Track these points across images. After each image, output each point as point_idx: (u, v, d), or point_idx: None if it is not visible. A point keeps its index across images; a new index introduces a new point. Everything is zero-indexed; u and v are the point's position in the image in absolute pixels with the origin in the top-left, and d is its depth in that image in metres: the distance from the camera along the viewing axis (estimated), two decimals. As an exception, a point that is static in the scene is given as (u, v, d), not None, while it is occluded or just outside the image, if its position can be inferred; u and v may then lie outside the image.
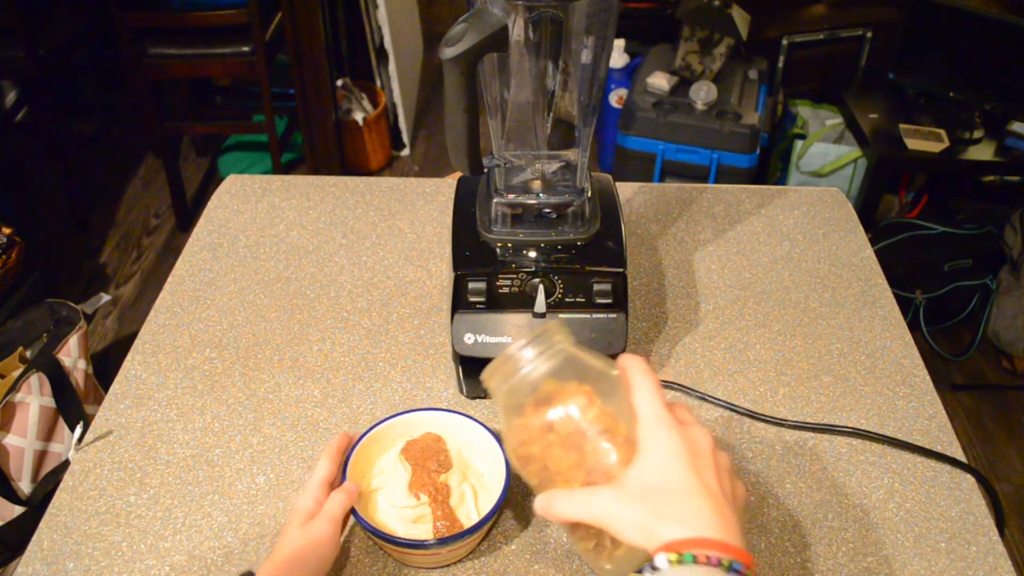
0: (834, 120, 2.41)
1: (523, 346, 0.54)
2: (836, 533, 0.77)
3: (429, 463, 0.73)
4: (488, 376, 0.55)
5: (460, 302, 0.83)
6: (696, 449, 0.52)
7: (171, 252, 2.45)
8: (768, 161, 2.52)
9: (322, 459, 0.71)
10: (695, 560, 0.47)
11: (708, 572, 0.47)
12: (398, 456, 0.74)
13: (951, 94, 2.30)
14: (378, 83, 2.72)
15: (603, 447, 0.53)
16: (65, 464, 1.56)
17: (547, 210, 0.84)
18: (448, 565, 0.73)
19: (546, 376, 0.54)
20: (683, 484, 0.50)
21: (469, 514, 0.72)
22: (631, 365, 0.56)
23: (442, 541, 0.68)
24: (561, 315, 0.83)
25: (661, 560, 0.48)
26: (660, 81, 2.35)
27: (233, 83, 2.92)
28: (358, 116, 2.62)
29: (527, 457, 0.55)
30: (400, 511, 0.71)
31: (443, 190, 1.19)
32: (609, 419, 0.53)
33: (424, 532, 0.70)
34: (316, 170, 2.57)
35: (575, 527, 0.55)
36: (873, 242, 1.95)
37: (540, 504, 0.54)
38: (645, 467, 0.51)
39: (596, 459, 0.53)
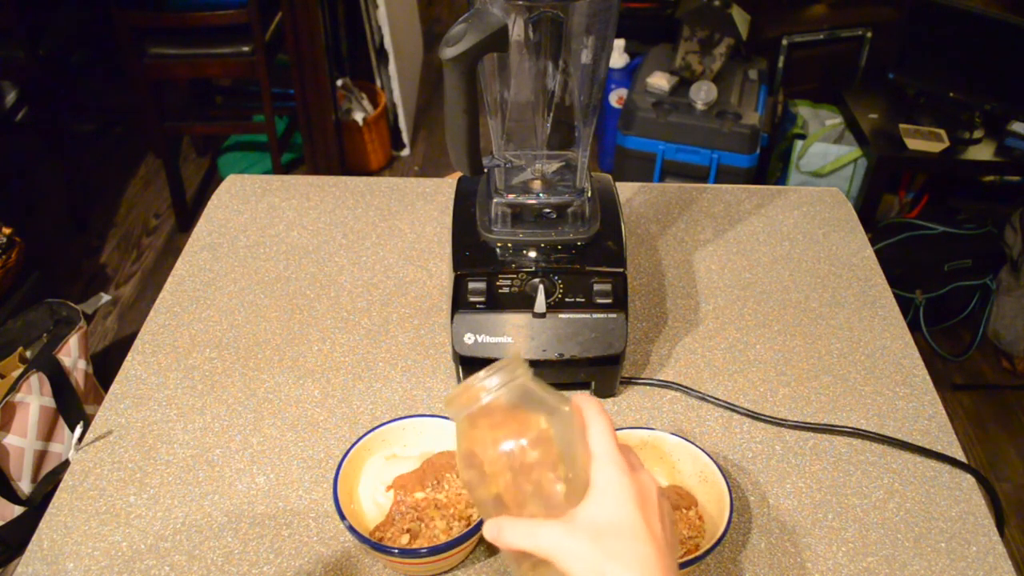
0: (834, 120, 2.41)
1: (486, 376, 0.54)
2: (836, 533, 0.77)
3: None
4: (449, 402, 0.56)
5: (460, 302, 0.83)
6: (645, 494, 0.53)
7: (171, 252, 2.45)
8: (768, 161, 2.52)
9: None
10: None
11: None
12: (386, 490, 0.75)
13: (951, 94, 2.30)
14: (378, 83, 2.71)
15: (555, 481, 0.54)
16: (65, 464, 1.56)
17: (547, 210, 0.84)
18: (443, 573, 0.73)
19: (505, 406, 0.54)
20: (632, 528, 0.51)
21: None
22: (587, 405, 0.56)
23: (433, 550, 0.68)
24: (561, 315, 0.83)
25: None
26: (660, 81, 2.35)
27: (233, 83, 2.92)
28: (358, 116, 2.62)
29: (478, 482, 0.55)
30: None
31: (443, 190, 1.19)
32: (562, 455, 0.54)
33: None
34: (316, 170, 2.57)
35: (519, 556, 0.55)
36: (873, 242, 1.95)
37: (489, 530, 0.54)
38: (597, 506, 0.52)
39: (547, 492, 0.54)
